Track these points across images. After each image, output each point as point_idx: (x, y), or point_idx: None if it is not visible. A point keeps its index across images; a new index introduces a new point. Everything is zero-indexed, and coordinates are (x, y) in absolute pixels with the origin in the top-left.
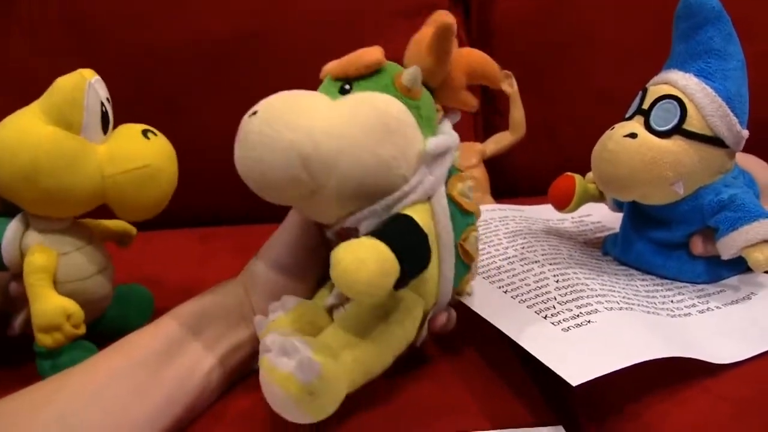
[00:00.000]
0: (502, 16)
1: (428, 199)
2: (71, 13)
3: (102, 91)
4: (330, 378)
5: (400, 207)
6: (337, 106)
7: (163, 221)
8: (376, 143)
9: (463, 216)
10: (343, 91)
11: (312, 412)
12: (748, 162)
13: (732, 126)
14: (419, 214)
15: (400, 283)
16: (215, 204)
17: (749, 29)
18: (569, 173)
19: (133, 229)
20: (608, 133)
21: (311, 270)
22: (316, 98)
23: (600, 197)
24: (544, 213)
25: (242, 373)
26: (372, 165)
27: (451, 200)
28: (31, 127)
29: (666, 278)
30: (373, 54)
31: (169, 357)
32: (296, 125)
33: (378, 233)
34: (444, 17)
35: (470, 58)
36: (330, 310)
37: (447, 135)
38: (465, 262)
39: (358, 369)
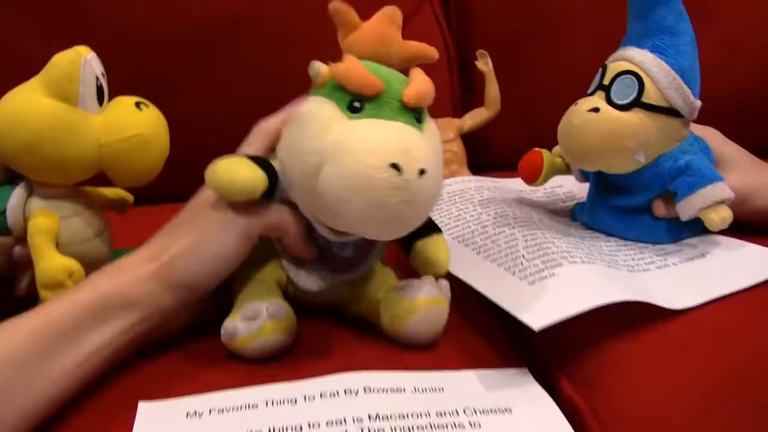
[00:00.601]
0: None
1: None
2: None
3: (97, 66)
4: None
5: None
6: (426, 140)
7: (159, 196)
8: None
9: None
10: (418, 120)
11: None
12: (705, 132)
13: (686, 97)
14: None
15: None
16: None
17: (704, 13)
18: (537, 149)
19: (130, 197)
20: (572, 108)
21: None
22: (431, 144)
23: (567, 170)
24: (517, 185)
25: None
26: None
27: None
28: (31, 100)
29: (630, 240)
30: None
31: (62, 350)
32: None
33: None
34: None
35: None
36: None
37: None
38: None
39: None
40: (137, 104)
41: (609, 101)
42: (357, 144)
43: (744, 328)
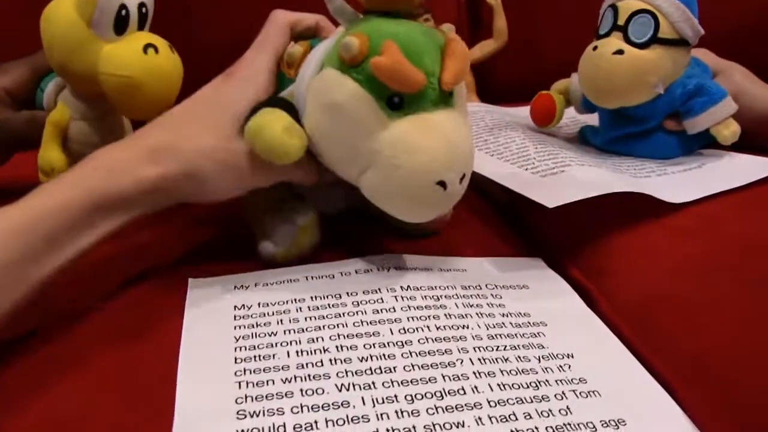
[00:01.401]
0: None
1: None
2: None
3: None
4: None
5: None
6: (459, 126)
7: None
8: None
9: None
10: (394, 105)
11: None
12: (698, 53)
13: (694, 26)
14: None
15: None
16: None
17: None
18: (545, 92)
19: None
20: (594, 53)
21: None
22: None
23: (567, 104)
24: (525, 112)
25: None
26: None
27: None
28: (61, 5)
29: (646, 158)
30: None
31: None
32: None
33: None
34: None
35: None
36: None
37: None
38: None
39: None
40: (147, 47)
41: (627, 41)
42: (405, 159)
43: (733, 218)
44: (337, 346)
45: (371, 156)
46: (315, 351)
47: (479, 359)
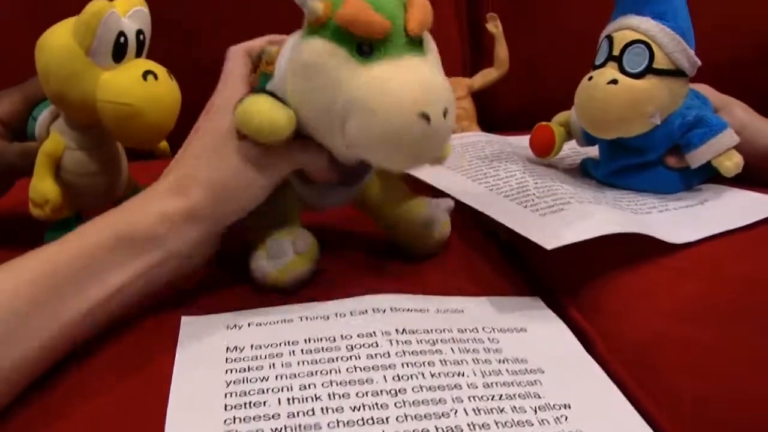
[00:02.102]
0: None
1: None
2: None
3: (134, 24)
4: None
5: None
6: (431, 69)
7: None
8: None
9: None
10: (363, 52)
11: None
12: (698, 87)
13: (690, 57)
14: None
15: None
16: None
17: None
18: (544, 124)
19: (165, 143)
20: (589, 83)
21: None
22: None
23: (568, 137)
24: (525, 141)
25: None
26: None
27: None
28: (58, 34)
29: (647, 192)
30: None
31: (84, 287)
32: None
33: None
34: None
35: None
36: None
37: None
38: None
39: None
40: (146, 73)
41: (622, 71)
42: (381, 100)
43: (735, 257)
44: (329, 394)
45: (349, 105)
46: (307, 399)
47: (474, 410)
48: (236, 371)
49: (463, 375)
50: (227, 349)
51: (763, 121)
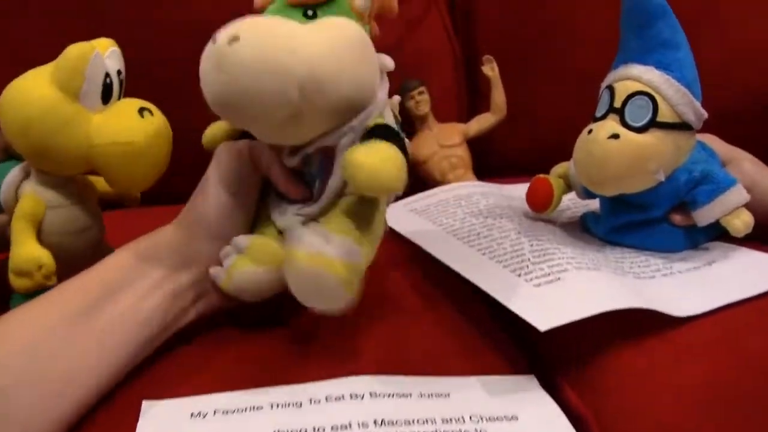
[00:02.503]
0: (485, 2)
1: (382, 113)
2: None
3: (114, 64)
4: (365, 260)
5: (371, 121)
6: (318, 29)
7: (173, 197)
8: (360, 63)
9: (397, 125)
10: (309, 16)
11: (351, 294)
12: (705, 137)
13: (696, 110)
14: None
15: None
16: None
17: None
18: (542, 176)
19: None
20: (588, 136)
21: (248, 201)
22: (291, 23)
23: (568, 189)
24: (523, 191)
25: (181, 322)
26: (359, 84)
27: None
28: (35, 85)
29: (650, 250)
30: None
31: (102, 305)
32: (289, 51)
33: (382, 136)
34: None
35: None
36: (283, 232)
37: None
38: None
39: (371, 251)
40: (141, 110)
41: (624, 124)
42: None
43: (750, 335)
44: None
45: None
46: None
47: None
48: None
49: None
50: None
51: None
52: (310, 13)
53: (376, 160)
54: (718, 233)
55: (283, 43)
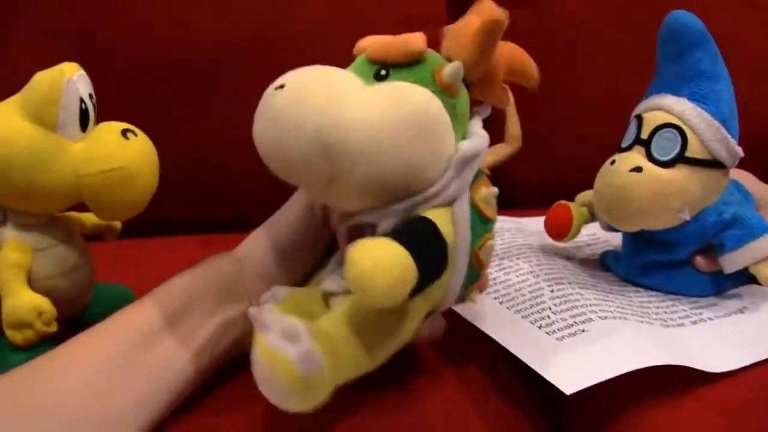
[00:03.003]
0: None
1: (451, 203)
2: (73, 21)
3: (84, 88)
4: (327, 373)
5: (419, 209)
6: (372, 93)
7: (162, 228)
8: (407, 142)
9: (482, 223)
10: (379, 77)
11: (301, 403)
12: (739, 175)
13: (730, 147)
14: (441, 219)
15: (414, 291)
16: (215, 210)
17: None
18: (563, 202)
19: (118, 224)
20: (611, 167)
21: (309, 252)
22: (349, 80)
23: (592, 218)
24: (539, 225)
25: (233, 353)
26: (400, 165)
27: (473, 206)
28: (5, 122)
29: (672, 293)
30: (416, 42)
31: (154, 338)
32: (325, 109)
33: (399, 236)
34: (493, 10)
35: (512, 53)
36: (327, 296)
37: (478, 137)
38: (476, 269)
39: (352, 366)
40: (124, 132)
41: (650, 157)
42: None
43: None
44: None
45: None
46: None
47: None
48: None
49: None
50: None
51: None
52: (383, 72)
53: (368, 264)
54: (746, 280)
55: (320, 101)
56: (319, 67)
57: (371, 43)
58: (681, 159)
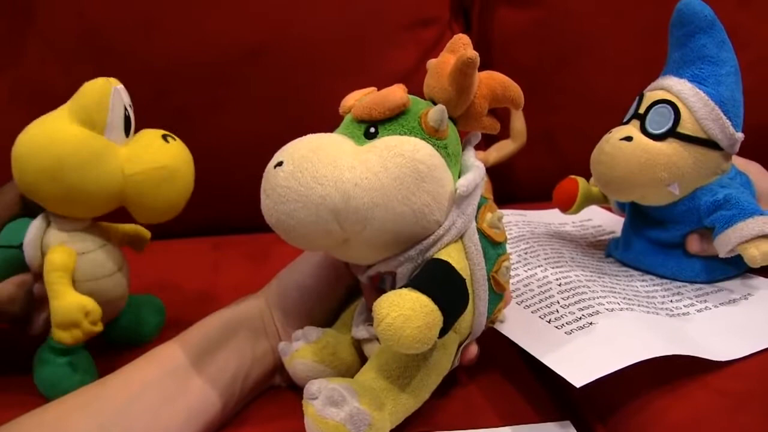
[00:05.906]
0: (502, 28)
1: (460, 237)
2: (87, 25)
3: (125, 97)
4: (377, 424)
5: (435, 250)
6: (365, 154)
7: (176, 230)
8: (408, 193)
9: (493, 247)
10: (369, 135)
11: None
12: (749, 168)
13: (725, 129)
14: (454, 256)
15: (442, 332)
16: (228, 212)
17: (741, 37)
18: (573, 176)
19: (147, 233)
20: (606, 136)
21: (335, 292)
22: (342, 145)
23: (604, 200)
24: (546, 217)
25: (262, 387)
26: (406, 215)
27: (482, 233)
28: (58, 127)
29: (665, 277)
30: (397, 96)
31: (197, 367)
32: (324, 178)
33: (419, 285)
34: (464, 49)
35: (491, 82)
36: (358, 342)
37: (474, 169)
38: (497, 292)
39: (401, 411)
40: (164, 137)
41: (643, 130)
42: None
43: None
44: None
45: None
46: None
47: None
48: None
49: None
50: None
51: None
52: (372, 130)
53: (394, 316)
54: (745, 267)
55: (319, 171)
56: (311, 137)
57: (355, 104)
58: (672, 133)
